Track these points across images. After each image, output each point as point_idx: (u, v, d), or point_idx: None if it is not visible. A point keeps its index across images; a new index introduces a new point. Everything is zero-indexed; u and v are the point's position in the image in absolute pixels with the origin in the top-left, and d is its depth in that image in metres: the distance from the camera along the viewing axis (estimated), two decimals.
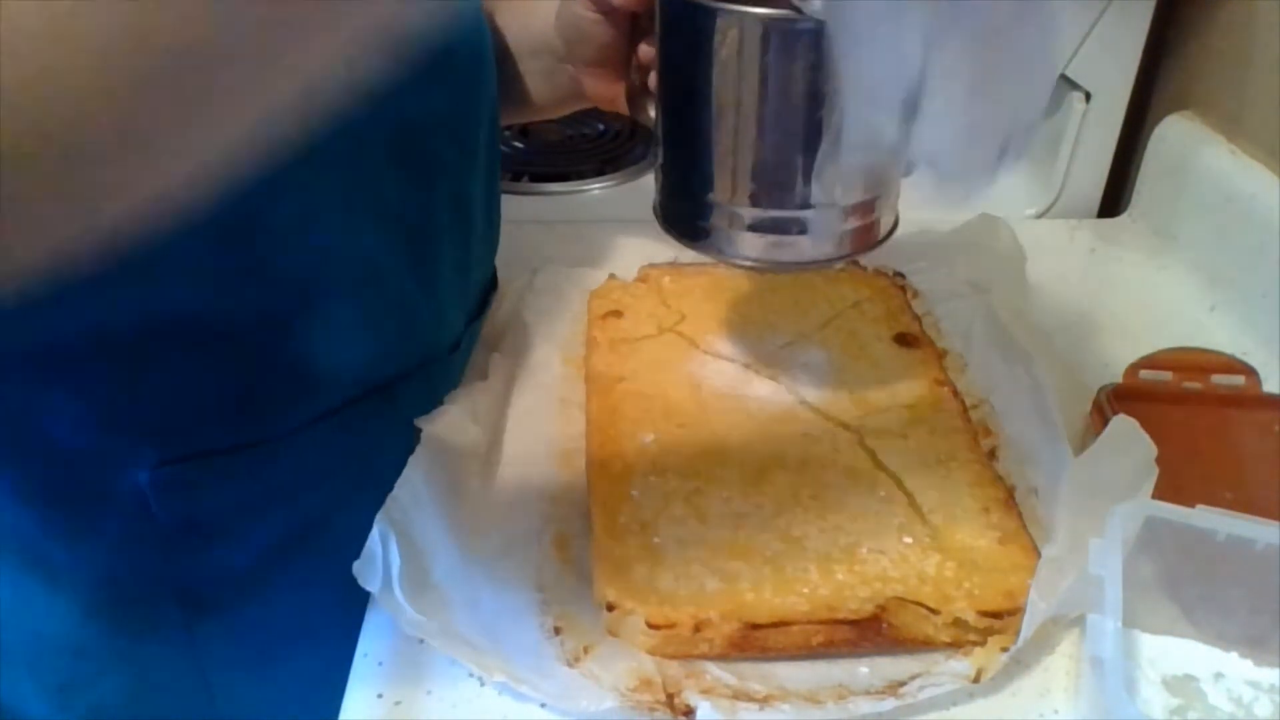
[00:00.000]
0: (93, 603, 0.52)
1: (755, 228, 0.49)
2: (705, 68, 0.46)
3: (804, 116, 0.45)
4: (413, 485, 0.48)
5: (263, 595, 0.54)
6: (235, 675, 0.56)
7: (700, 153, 0.48)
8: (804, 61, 0.44)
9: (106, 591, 0.52)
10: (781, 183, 0.48)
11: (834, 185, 0.47)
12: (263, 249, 0.45)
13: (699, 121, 0.48)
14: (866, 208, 0.50)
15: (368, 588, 0.44)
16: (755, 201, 0.48)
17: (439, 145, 0.52)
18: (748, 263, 0.51)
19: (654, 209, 0.54)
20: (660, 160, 0.52)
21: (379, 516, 0.46)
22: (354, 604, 0.47)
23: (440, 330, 0.58)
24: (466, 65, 0.54)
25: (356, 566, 0.44)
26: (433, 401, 0.55)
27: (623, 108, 0.57)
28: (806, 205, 0.48)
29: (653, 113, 0.53)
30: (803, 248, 0.50)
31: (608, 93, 0.56)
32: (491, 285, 0.66)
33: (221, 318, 0.46)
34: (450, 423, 0.53)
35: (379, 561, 0.45)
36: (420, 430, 0.52)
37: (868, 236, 0.51)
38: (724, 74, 0.46)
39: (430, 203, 0.53)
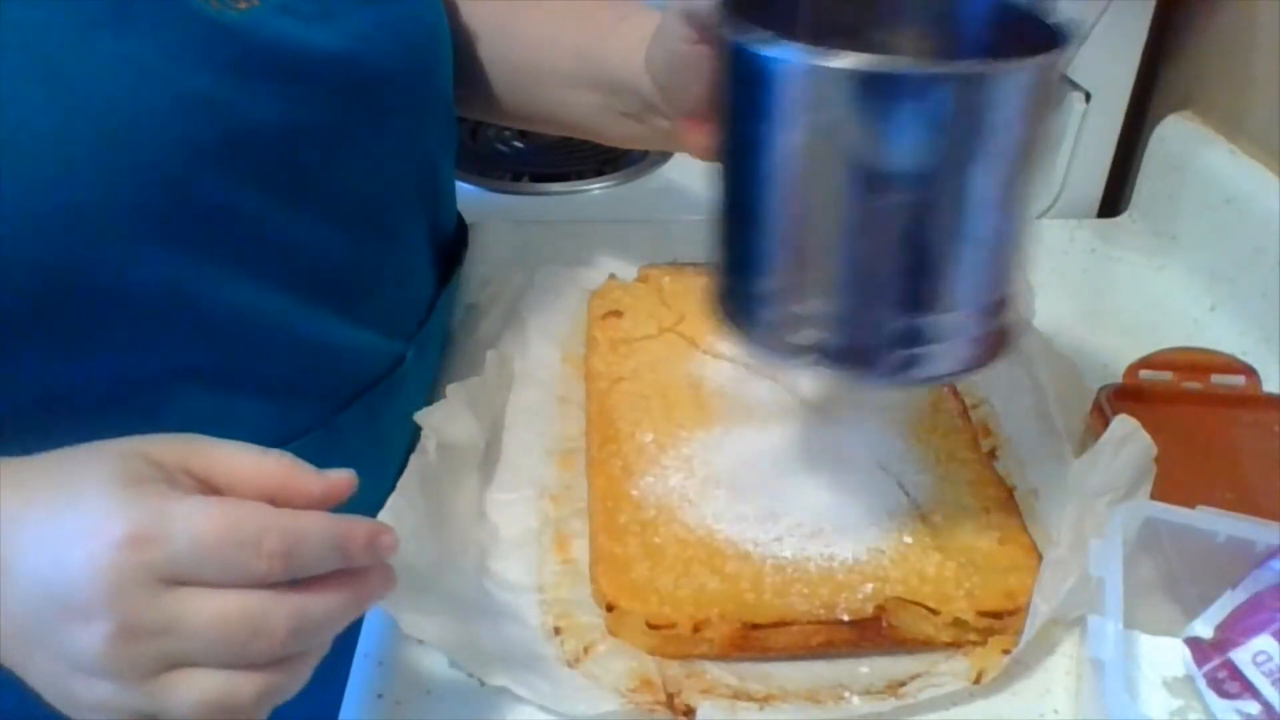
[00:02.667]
0: None
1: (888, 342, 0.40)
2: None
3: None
4: (411, 485, 0.48)
5: None
6: None
7: (761, 223, 0.41)
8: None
9: None
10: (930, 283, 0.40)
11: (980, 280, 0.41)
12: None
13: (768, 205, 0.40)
14: (1003, 305, 0.43)
15: None
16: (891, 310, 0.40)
17: (354, 178, 0.48)
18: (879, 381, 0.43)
19: (711, 299, 0.46)
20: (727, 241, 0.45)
21: (380, 515, 0.45)
22: None
23: (375, 358, 0.53)
24: (393, 98, 0.49)
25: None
26: (424, 368, 0.54)
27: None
28: (946, 309, 0.40)
29: None
30: (938, 359, 0.41)
31: (703, 144, 0.49)
32: (436, 297, 0.60)
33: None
34: (450, 418, 0.52)
35: None
36: (419, 426, 0.52)
37: (1008, 337, 0.44)
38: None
39: (350, 239, 0.49)
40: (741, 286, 0.44)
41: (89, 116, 0.38)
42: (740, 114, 0.40)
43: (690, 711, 0.42)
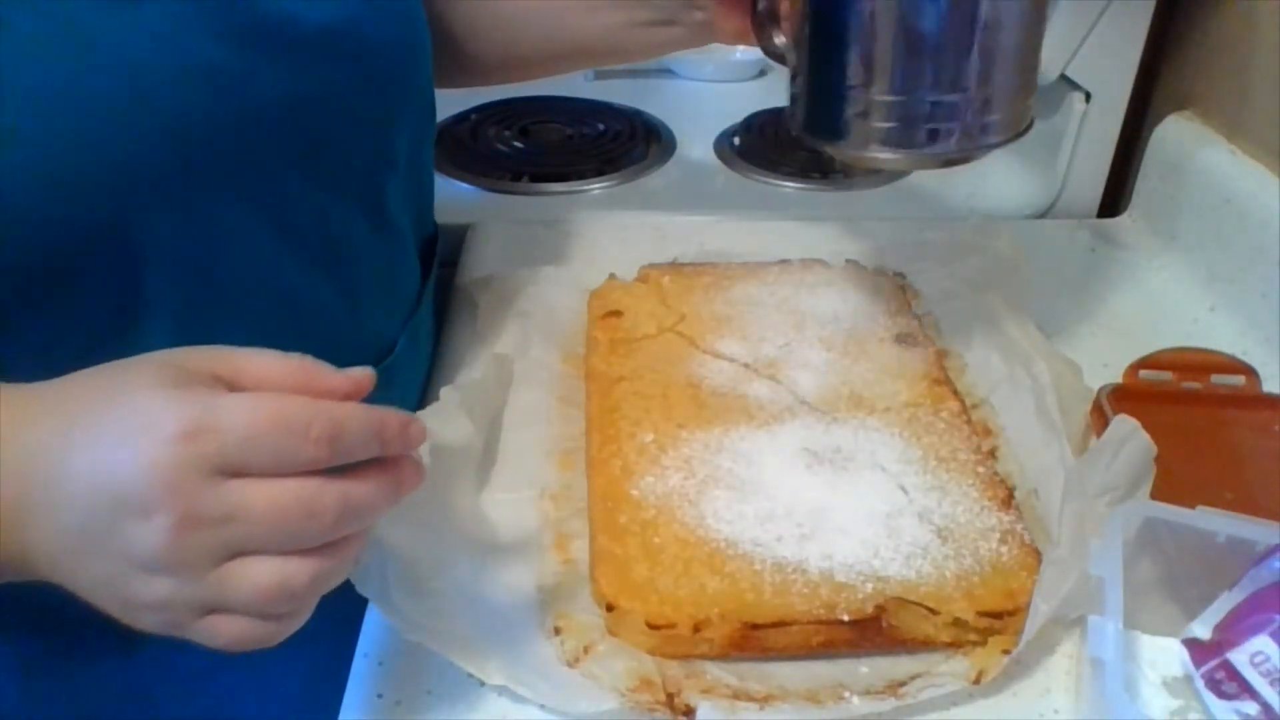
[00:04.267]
0: (32, 626, 0.51)
1: (903, 118, 0.50)
2: None
3: None
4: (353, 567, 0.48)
5: None
6: (183, 691, 0.55)
7: (849, 46, 0.50)
8: None
9: (47, 616, 0.51)
10: (936, 66, 0.50)
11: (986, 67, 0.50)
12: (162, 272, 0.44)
13: (849, 12, 0.49)
14: (1016, 94, 0.52)
15: (365, 594, 0.44)
16: (904, 88, 0.50)
17: (354, 149, 0.51)
18: (884, 156, 0.52)
19: (790, 121, 0.56)
20: (800, 69, 0.53)
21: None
22: (350, 603, 0.47)
23: (367, 340, 0.55)
24: (389, 61, 0.52)
25: (353, 573, 0.44)
26: (412, 360, 0.55)
27: (751, 40, 0.56)
28: (955, 89, 0.50)
29: (778, 40, 0.54)
30: (948, 139, 0.51)
31: (738, 26, 0.56)
32: (421, 289, 0.62)
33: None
34: (445, 421, 0.52)
35: (375, 567, 0.45)
36: None
37: (1014, 126, 0.53)
38: None
39: (345, 211, 0.51)
40: (824, 98, 0.53)
41: (115, 80, 0.39)
42: None
43: (690, 711, 0.42)
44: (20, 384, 0.36)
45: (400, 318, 0.58)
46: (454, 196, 0.85)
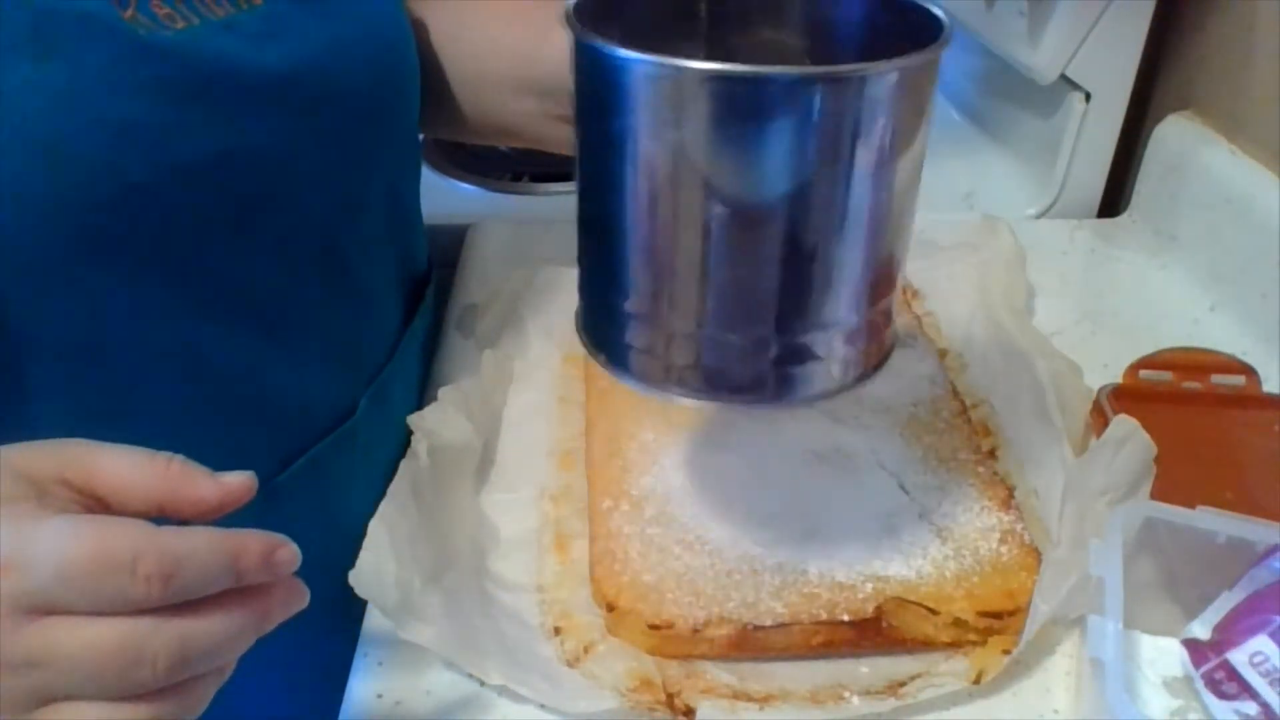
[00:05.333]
0: None
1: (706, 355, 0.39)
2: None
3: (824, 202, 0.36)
4: (403, 491, 0.48)
5: None
6: None
7: (624, 259, 0.39)
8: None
9: None
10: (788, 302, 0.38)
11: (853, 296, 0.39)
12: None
13: (626, 218, 0.38)
14: (881, 321, 0.41)
15: (364, 596, 0.44)
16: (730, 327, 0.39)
17: (312, 203, 0.46)
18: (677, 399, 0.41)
19: (577, 322, 0.45)
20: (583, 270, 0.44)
21: (373, 522, 0.45)
22: (350, 603, 0.47)
23: (316, 410, 0.50)
24: (350, 117, 0.47)
25: (353, 576, 0.43)
26: (383, 418, 0.52)
27: None
28: (821, 326, 0.39)
29: None
30: (816, 378, 0.40)
31: None
32: (400, 337, 0.57)
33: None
34: (443, 421, 0.52)
35: (374, 568, 0.45)
36: (411, 429, 0.51)
37: (881, 352, 0.43)
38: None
39: (297, 271, 0.47)
40: (603, 309, 0.42)
41: (6, 145, 0.35)
42: (594, 115, 0.39)
43: (690, 711, 0.42)
44: None
45: (364, 379, 0.53)
46: (454, 196, 0.85)
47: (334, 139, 0.46)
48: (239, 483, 0.33)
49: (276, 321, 0.46)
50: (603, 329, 0.42)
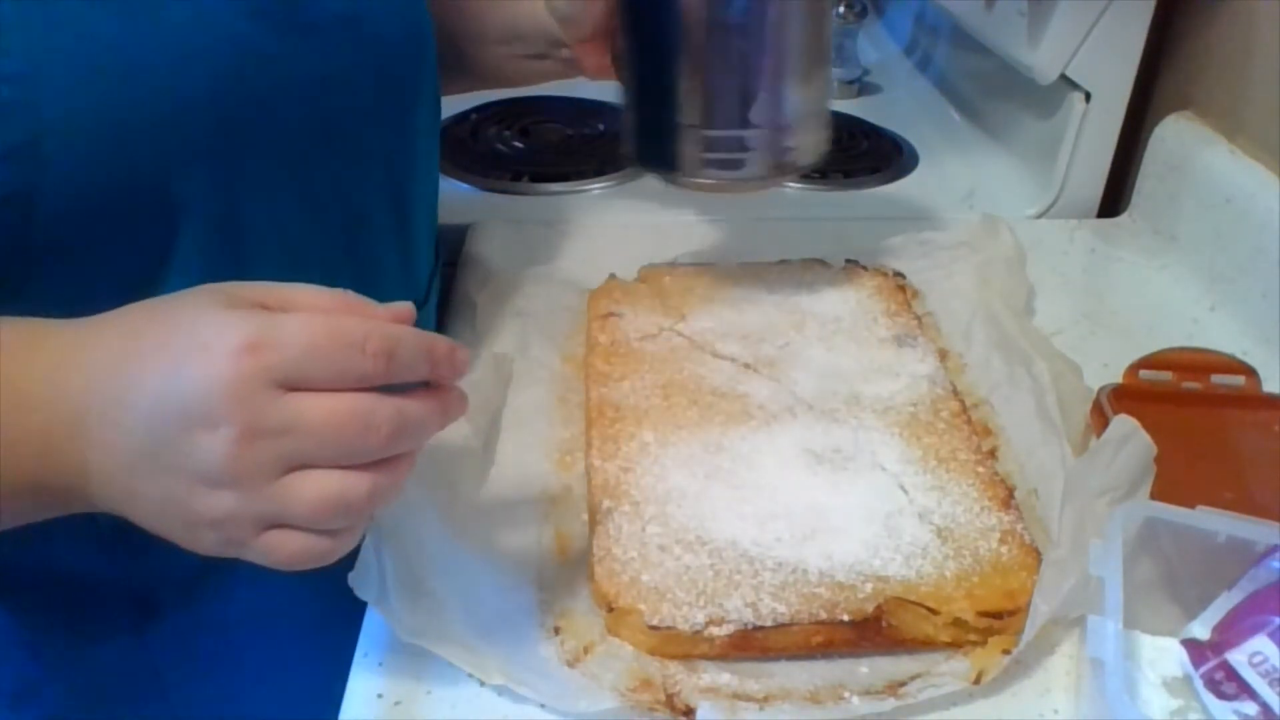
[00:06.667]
0: (43, 603, 0.52)
1: (712, 147, 0.58)
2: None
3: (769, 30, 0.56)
4: (405, 487, 0.48)
5: (215, 594, 0.53)
6: (192, 675, 0.55)
7: (665, 83, 0.57)
8: None
9: (58, 591, 0.51)
10: (740, 101, 0.57)
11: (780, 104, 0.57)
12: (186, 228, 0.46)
13: (664, 54, 0.56)
14: (809, 126, 0.60)
15: (364, 598, 0.44)
16: (711, 122, 0.57)
17: (372, 133, 0.53)
18: (706, 182, 0.60)
19: (626, 151, 0.62)
20: (628, 104, 0.60)
21: (373, 523, 0.45)
22: (350, 603, 0.47)
23: None
24: (401, 52, 0.54)
25: (352, 577, 0.44)
26: None
27: (611, 74, 0.61)
28: (768, 124, 0.58)
29: None
30: (752, 166, 0.59)
31: (599, 64, 0.60)
32: (434, 274, 0.65)
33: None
34: None
35: (373, 570, 0.45)
36: None
37: (805, 157, 0.61)
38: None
39: (365, 191, 0.53)
40: (647, 131, 0.61)
41: (157, 46, 0.41)
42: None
43: (690, 711, 0.42)
44: (76, 318, 0.37)
45: (415, 303, 0.59)
46: (454, 196, 0.85)
47: (386, 78, 0.53)
48: (403, 307, 0.38)
49: (356, 230, 0.53)
50: (650, 148, 0.61)
